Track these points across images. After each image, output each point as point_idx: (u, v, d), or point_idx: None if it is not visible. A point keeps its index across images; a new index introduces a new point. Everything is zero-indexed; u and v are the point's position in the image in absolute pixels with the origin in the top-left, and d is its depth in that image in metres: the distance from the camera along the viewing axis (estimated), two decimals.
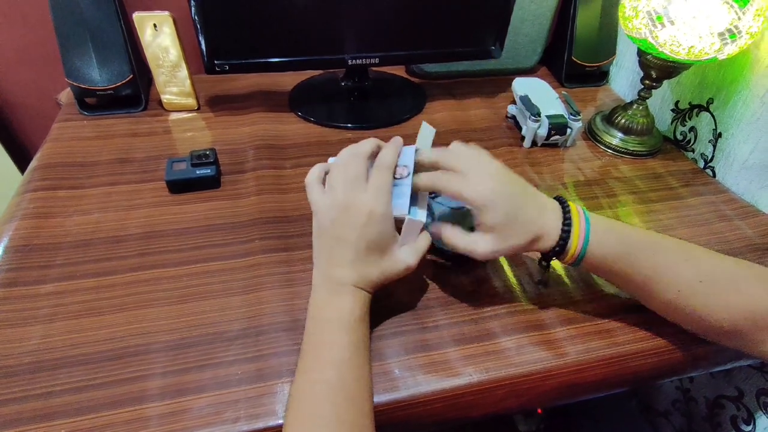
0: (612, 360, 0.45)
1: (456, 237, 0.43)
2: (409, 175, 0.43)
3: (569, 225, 0.41)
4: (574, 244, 0.41)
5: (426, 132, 0.47)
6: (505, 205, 0.40)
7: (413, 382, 0.42)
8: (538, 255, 0.45)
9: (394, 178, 0.43)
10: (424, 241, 0.44)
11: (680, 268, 0.41)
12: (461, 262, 0.53)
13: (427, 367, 0.43)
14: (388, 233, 0.42)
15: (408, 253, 0.43)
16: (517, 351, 0.45)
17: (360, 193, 0.41)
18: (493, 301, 0.49)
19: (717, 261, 0.42)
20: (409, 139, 0.45)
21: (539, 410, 0.92)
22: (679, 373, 0.50)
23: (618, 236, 0.42)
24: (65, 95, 0.76)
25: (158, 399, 0.39)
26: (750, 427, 0.65)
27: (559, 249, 0.41)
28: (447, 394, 0.42)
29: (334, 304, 0.40)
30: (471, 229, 0.51)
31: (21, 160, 0.87)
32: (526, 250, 0.43)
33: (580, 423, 0.81)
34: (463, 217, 0.53)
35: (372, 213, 0.40)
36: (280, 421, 0.38)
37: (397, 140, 0.44)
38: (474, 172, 0.41)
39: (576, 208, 0.42)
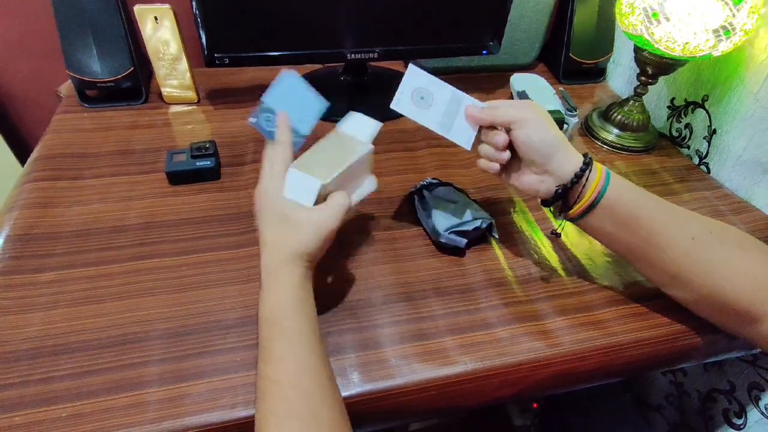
0: (606, 350, 0.46)
1: (490, 109, 0.46)
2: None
3: (588, 165, 0.43)
4: (596, 182, 0.43)
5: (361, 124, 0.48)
6: (547, 121, 0.44)
7: (408, 370, 0.42)
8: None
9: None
10: (338, 199, 0.42)
11: (692, 217, 0.44)
12: (459, 253, 0.53)
13: (422, 355, 0.43)
14: (282, 202, 0.41)
15: (320, 213, 0.41)
16: (511, 341, 0.45)
17: (260, 181, 0.42)
18: (488, 291, 0.50)
19: (722, 223, 0.45)
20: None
21: (534, 405, 0.93)
22: (672, 363, 0.51)
23: (635, 186, 0.45)
24: (66, 87, 0.76)
25: (157, 385, 0.40)
26: (741, 421, 0.66)
27: (581, 173, 0.43)
28: (442, 382, 0.42)
29: (265, 299, 0.39)
30: (472, 219, 0.52)
31: (21, 152, 0.88)
32: (541, 162, 0.44)
33: (574, 417, 0.82)
34: (461, 210, 0.54)
35: (261, 192, 0.42)
36: None
37: (281, 116, 0.45)
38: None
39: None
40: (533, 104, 0.46)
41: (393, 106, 0.47)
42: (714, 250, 0.42)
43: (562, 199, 0.45)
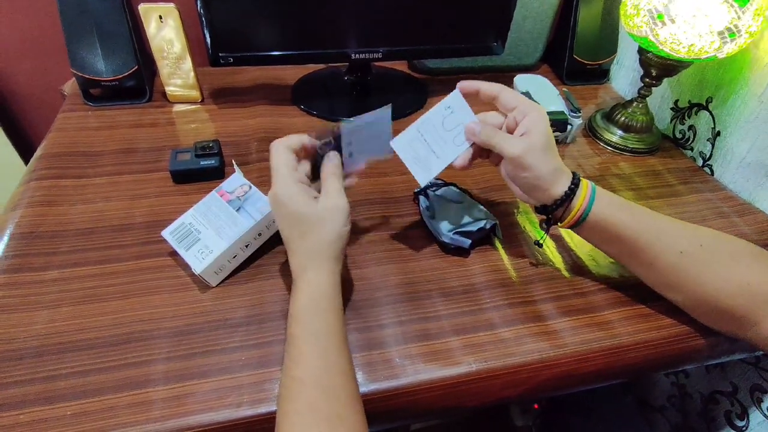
0: (609, 351, 0.46)
1: (491, 131, 0.46)
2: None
3: (575, 187, 0.44)
4: (579, 202, 0.44)
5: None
6: (551, 141, 0.45)
7: (413, 370, 0.42)
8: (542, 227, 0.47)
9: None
10: (331, 180, 0.43)
11: (682, 232, 0.44)
12: (463, 254, 0.53)
13: (427, 355, 0.43)
14: (299, 204, 0.41)
15: (329, 201, 0.42)
16: (516, 341, 0.45)
17: (271, 190, 0.42)
18: (493, 292, 0.50)
19: (716, 233, 0.45)
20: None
21: (536, 405, 0.93)
22: (674, 365, 0.51)
23: (622, 201, 0.46)
24: (69, 86, 0.76)
25: (162, 383, 0.40)
26: (744, 423, 0.66)
27: (560, 202, 0.44)
28: (446, 383, 0.42)
29: (293, 297, 0.40)
30: (475, 220, 0.52)
31: (25, 150, 0.88)
32: (532, 187, 0.45)
33: (575, 418, 0.82)
34: (465, 211, 0.54)
35: (274, 198, 0.41)
36: None
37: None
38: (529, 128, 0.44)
39: (586, 181, 0.46)
40: (532, 140, 0.44)
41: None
42: (704, 263, 0.43)
43: (552, 213, 0.47)
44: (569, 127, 0.71)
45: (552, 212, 0.46)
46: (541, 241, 0.53)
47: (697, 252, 0.43)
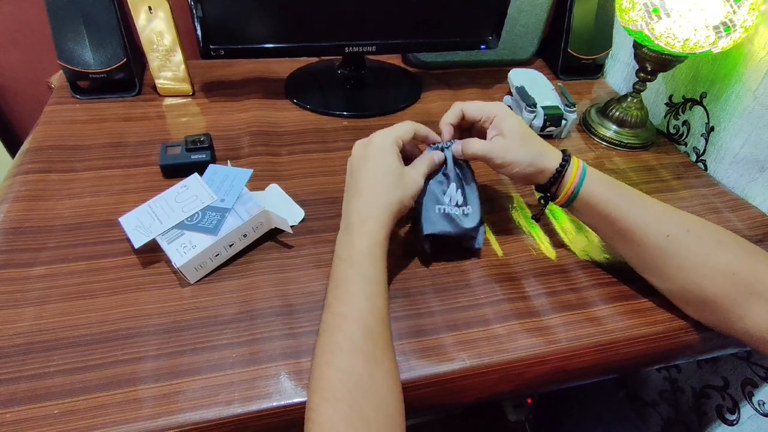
0: (602, 347, 0.46)
1: (474, 144, 0.48)
2: None
3: (566, 163, 0.46)
4: (571, 179, 0.46)
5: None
6: (523, 131, 0.47)
7: (407, 366, 0.42)
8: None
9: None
10: (421, 161, 0.48)
11: (670, 215, 0.45)
12: (449, 250, 0.52)
13: (420, 352, 0.43)
14: (389, 156, 0.44)
15: (411, 170, 0.46)
16: (509, 337, 0.45)
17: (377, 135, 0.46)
18: (486, 288, 0.49)
19: (704, 221, 0.46)
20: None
21: (529, 400, 0.93)
22: (667, 360, 0.51)
23: (612, 181, 0.47)
24: (57, 78, 0.75)
25: (152, 381, 0.39)
26: (735, 416, 0.66)
27: (554, 180, 0.47)
28: (440, 379, 0.42)
29: (345, 243, 0.42)
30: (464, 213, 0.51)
31: (11, 144, 0.86)
32: (526, 176, 0.48)
33: (568, 413, 0.82)
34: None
35: (375, 142, 0.45)
36: (274, 404, 0.39)
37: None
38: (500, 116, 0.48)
39: (577, 159, 0.48)
40: (506, 138, 0.47)
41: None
42: (689, 248, 0.43)
43: (548, 191, 0.49)
44: (564, 121, 0.71)
45: (549, 189, 0.48)
46: (538, 216, 0.55)
47: (683, 237, 0.43)
